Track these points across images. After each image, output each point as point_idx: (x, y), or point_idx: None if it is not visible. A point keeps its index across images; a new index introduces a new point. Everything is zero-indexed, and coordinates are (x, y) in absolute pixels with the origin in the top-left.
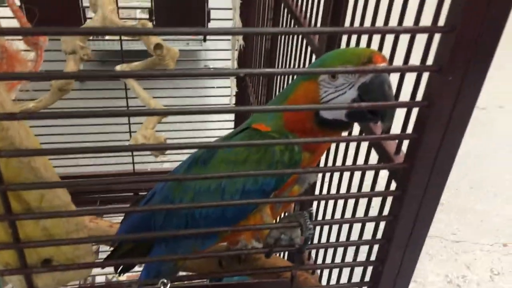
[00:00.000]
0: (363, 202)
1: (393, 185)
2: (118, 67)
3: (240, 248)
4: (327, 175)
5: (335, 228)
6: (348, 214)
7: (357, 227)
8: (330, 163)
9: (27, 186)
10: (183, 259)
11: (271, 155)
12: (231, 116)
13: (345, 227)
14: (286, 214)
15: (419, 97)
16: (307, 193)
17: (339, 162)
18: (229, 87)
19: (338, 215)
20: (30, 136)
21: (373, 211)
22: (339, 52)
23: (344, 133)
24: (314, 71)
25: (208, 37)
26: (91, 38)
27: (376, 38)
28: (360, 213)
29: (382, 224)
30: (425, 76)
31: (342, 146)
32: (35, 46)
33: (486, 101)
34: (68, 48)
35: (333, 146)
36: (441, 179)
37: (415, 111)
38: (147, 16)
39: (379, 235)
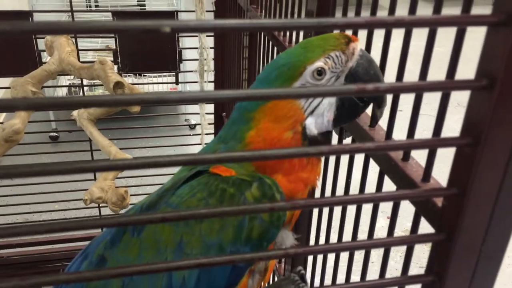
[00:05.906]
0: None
1: (426, 226)
2: (75, 113)
3: None
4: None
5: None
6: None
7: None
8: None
9: None
10: None
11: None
12: None
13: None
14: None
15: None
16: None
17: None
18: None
19: (341, 278)
20: None
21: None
22: (305, 46)
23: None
24: (322, 89)
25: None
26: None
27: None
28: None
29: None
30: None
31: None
32: None
33: None
34: (18, 94)
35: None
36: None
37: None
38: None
39: None
